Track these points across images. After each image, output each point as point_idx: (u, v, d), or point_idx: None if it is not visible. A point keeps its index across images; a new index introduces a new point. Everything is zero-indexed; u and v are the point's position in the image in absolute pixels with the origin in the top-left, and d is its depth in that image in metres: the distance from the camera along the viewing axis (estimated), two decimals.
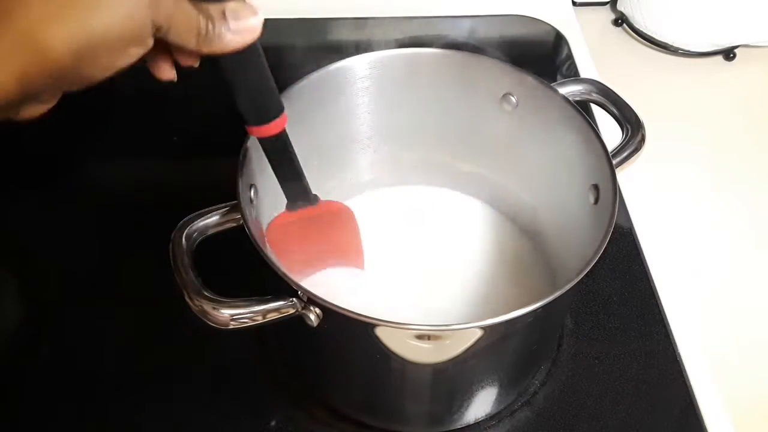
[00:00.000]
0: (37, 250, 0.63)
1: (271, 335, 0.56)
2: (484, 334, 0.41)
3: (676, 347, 0.57)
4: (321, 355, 0.50)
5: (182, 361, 0.55)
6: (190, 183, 0.67)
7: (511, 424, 0.53)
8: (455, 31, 0.86)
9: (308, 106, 0.52)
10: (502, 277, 0.58)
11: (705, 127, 0.78)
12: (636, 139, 0.52)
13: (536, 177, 0.57)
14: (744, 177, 0.73)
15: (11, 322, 0.59)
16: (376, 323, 0.39)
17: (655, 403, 0.54)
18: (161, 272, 0.43)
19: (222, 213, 0.45)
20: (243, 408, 0.53)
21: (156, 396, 0.54)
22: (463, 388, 0.49)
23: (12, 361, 0.56)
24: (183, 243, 0.44)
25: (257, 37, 0.35)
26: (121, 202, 0.66)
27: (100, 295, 0.60)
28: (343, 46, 0.84)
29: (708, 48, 0.84)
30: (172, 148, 0.71)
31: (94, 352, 0.56)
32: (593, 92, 0.55)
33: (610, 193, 0.46)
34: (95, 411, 0.53)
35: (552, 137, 0.53)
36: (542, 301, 0.40)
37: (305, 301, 0.41)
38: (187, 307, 0.42)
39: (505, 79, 0.54)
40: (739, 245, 0.68)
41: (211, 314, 0.41)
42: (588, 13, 0.90)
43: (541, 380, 0.55)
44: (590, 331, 0.58)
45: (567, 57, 0.82)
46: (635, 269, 0.62)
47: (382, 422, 0.52)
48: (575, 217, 0.52)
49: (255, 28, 0.34)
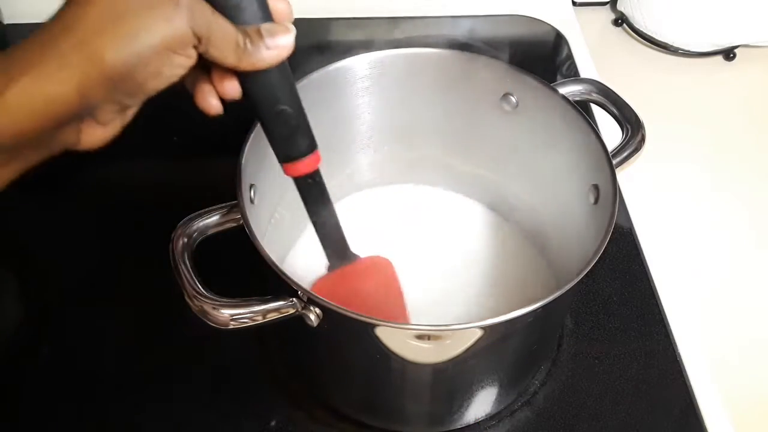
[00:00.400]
0: (37, 250, 0.63)
1: (271, 335, 0.56)
2: (484, 334, 0.41)
3: (676, 347, 0.57)
4: (321, 355, 0.50)
5: (182, 361, 0.55)
6: (190, 183, 0.67)
7: (511, 424, 0.53)
8: (455, 31, 0.86)
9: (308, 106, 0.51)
10: (502, 277, 0.58)
11: (705, 127, 0.78)
12: (636, 139, 0.52)
13: (536, 177, 0.57)
14: (744, 177, 0.73)
15: (11, 322, 0.59)
16: (376, 323, 0.40)
17: (655, 403, 0.54)
18: (161, 272, 0.43)
19: (222, 213, 0.45)
20: (243, 408, 0.53)
21: (156, 396, 0.54)
22: (463, 388, 0.49)
23: (12, 361, 0.56)
24: (183, 243, 0.44)
25: (290, 53, 0.37)
26: (121, 202, 0.66)
27: (100, 295, 0.60)
28: (343, 46, 0.84)
29: (708, 48, 0.84)
30: (172, 148, 0.71)
31: (94, 352, 0.56)
32: (593, 92, 0.55)
33: (610, 193, 0.46)
34: (95, 411, 0.53)
35: (552, 137, 0.53)
36: (542, 301, 0.40)
37: (305, 301, 0.41)
38: (187, 307, 0.42)
39: (505, 79, 0.54)
40: (739, 245, 0.68)
41: (211, 314, 0.41)
42: (588, 13, 0.90)
43: (541, 380, 0.55)
44: (590, 331, 0.58)
45: (567, 57, 0.82)
46: (635, 269, 0.62)
47: (382, 422, 0.52)
48: (575, 217, 0.52)
49: (289, 44, 0.37)
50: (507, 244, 0.60)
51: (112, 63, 0.32)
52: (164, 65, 0.33)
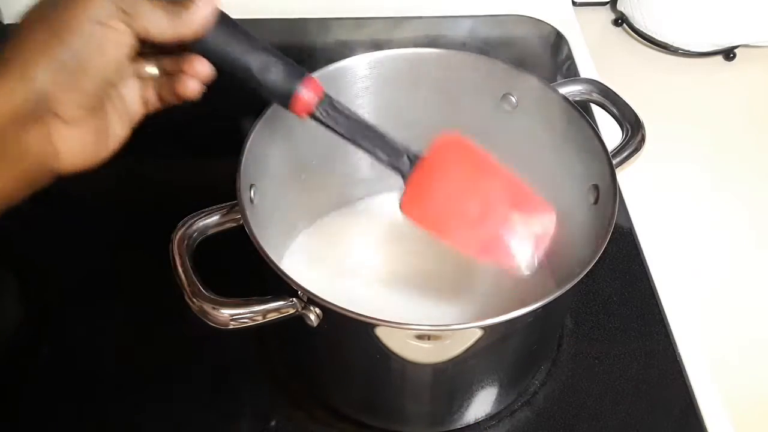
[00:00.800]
0: (37, 251, 0.63)
1: (271, 335, 0.56)
2: (484, 334, 0.41)
3: (676, 347, 0.57)
4: (321, 355, 0.50)
5: (182, 361, 0.55)
6: (190, 183, 0.67)
7: (511, 424, 0.53)
8: (455, 31, 0.86)
9: None
10: (502, 277, 0.58)
11: (705, 127, 0.78)
12: (636, 139, 0.52)
13: (536, 177, 0.57)
14: (744, 177, 0.73)
15: (11, 322, 0.59)
16: (376, 323, 0.40)
17: (655, 403, 0.54)
18: (161, 272, 0.43)
19: (222, 213, 0.45)
20: (243, 408, 0.53)
21: (156, 396, 0.54)
22: (463, 388, 0.49)
23: (12, 361, 0.56)
24: (183, 243, 0.44)
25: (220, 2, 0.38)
26: (121, 202, 0.66)
27: (100, 295, 0.60)
28: (343, 46, 0.84)
29: (708, 48, 0.84)
30: (172, 148, 0.71)
31: (94, 352, 0.56)
32: (593, 92, 0.55)
33: (610, 193, 0.46)
34: (95, 411, 0.53)
35: (552, 137, 0.53)
36: (542, 301, 0.40)
37: (305, 301, 0.41)
38: (187, 307, 0.42)
39: (505, 79, 0.54)
40: (739, 245, 0.68)
41: (211, 314, 0.41)
42: (588, 13, 0.90)
43: (541, 380, 0.55)
44: (590, 331, 0.58)
45: (567, 57, 0.82)
46: (635, 269, 0.62)
47: (382, 422, 0.52)
48: (575, 217, 0.52)
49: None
50: None
51: (44, 35, 0.34)
52: (100, 39, 0.35)
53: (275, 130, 0.50)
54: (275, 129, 0.50)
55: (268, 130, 0.49)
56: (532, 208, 0.47)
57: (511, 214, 0.46)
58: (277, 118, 0.50)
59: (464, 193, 0.46)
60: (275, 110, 0.49)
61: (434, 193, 0.45)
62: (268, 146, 0.50)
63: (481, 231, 0.46)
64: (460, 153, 0.47)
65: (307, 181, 0.57)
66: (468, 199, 0.46)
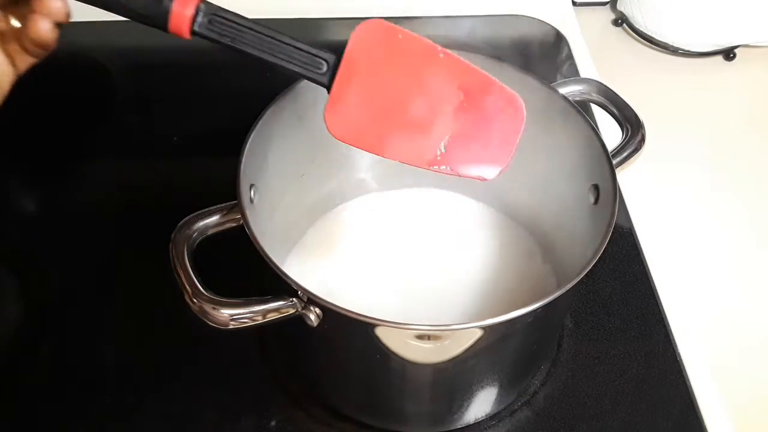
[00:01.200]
0: (37, 250, 0.63)
1: (271, 335, 0.56)
2: (484, 334, 0.41)
3: (676, 347, 0.57)
4: (321, 355, 0.50)
5: (182, 361, 0.55)
6: (190, 183, 0.67)
7: (511, 424, 0.53)
8: (455, 31, 0.86)
9: (308, 106, 0.52)
10: (502, 277, 0.58)
11: (705, 127, 0.78)
12: (636, 139, 0.52)
13: (536, 177, 0.57)
14: (744, 177, 0.73)
15: (11, 322, 0.59)
16: (376, 323, 0.39)
17: (655, 403, 0.54)
18: (161, 272, 0.43)
19: (222, 213, 0.45)
20: (242, 408, 0.53)
21: (156, 396, 0.54)
22: (463, 388, 0.49)
23: (12, 361, 0.56)
24: (183, 243, 0.44)
25: None
26: (121, 202, 0.66)
27: (100, 295, 0.60)
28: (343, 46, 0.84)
29: (708, 48, 0.84)
30: (172, 148, 0.71)
31: (94, 351, 0.56)
32: (593, 92, 0.55)
33: (610, 193, 0.46)
34: (95, 411, 0.53)
35: (552, 137, 0.53)
36: (542, 301, 0.40)
37: (305, 301, 0.41)
38: (187, 307, 0.42)
39: (504, 79, 0.54)
40: (739, 245, 0.68)
41: (211, 314, 0.41)
42: (588, 13, 0.90)
43: (541, 380, 0.55)
44: (590, 331, 0.58)
45: (567, 57, 0.82)
46: (635, 269, 0.62)
47: (382, 422, 0.52)
48: (575, 217, 0.52)
49: None
50: (507, 245, 0.60)
51: None
52: None
53: (275, 130, 0.50)
54: (275, 129, 0.50)
55: (268, 130, 0.49)
56: (491, 97, 0.39)
57: (464, 109, 0.38)
58: (277, 119, 0.50)
59: (400, 93, 0.38)
60: (275, 110, 0.49)
61: (362, 100, 0.38)
62: (268, 146, 0.50)
63: (428, 137, 0.39)
64: (387, 43, 0.39)
65: (307, 181, 0.57)
66: (406, 99, 0.38)
